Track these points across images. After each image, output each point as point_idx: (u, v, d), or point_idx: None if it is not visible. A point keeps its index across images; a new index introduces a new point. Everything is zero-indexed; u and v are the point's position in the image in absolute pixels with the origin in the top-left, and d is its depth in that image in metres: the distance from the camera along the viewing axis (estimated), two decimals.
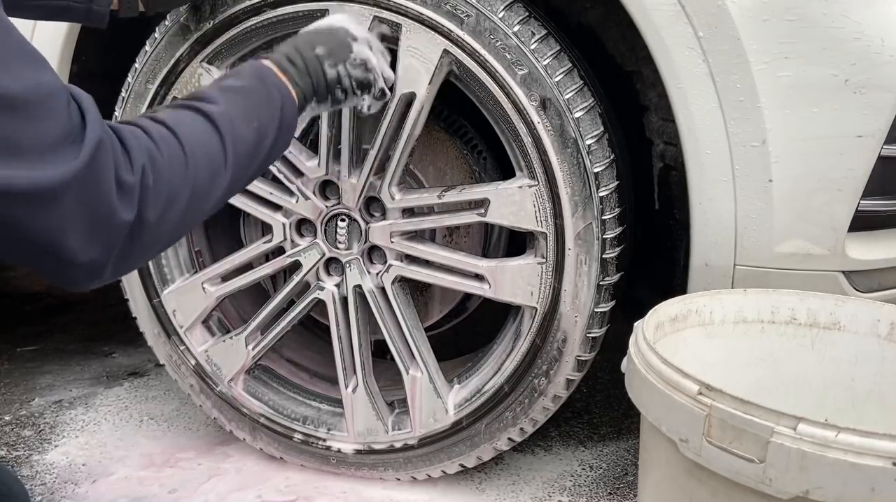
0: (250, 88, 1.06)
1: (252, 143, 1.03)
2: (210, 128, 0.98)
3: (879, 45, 1.16)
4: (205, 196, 0.97)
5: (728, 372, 1.24)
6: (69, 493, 1.56)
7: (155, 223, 0.89)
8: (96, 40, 1.52)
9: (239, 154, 1.00)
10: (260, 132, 1.04)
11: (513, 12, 1.28)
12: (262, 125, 1.04)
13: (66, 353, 2.27)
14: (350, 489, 1.57)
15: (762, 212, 1.23)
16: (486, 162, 1.59)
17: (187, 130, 0.95)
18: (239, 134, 1.00)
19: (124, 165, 0.86)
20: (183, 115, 0.98)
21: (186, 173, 0.93)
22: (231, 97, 1.03)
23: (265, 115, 1.06)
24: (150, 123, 0.93)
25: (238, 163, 1.01)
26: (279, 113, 1.08)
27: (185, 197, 0.93)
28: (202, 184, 0.95)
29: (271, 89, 1.09)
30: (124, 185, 0.85)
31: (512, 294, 1.38)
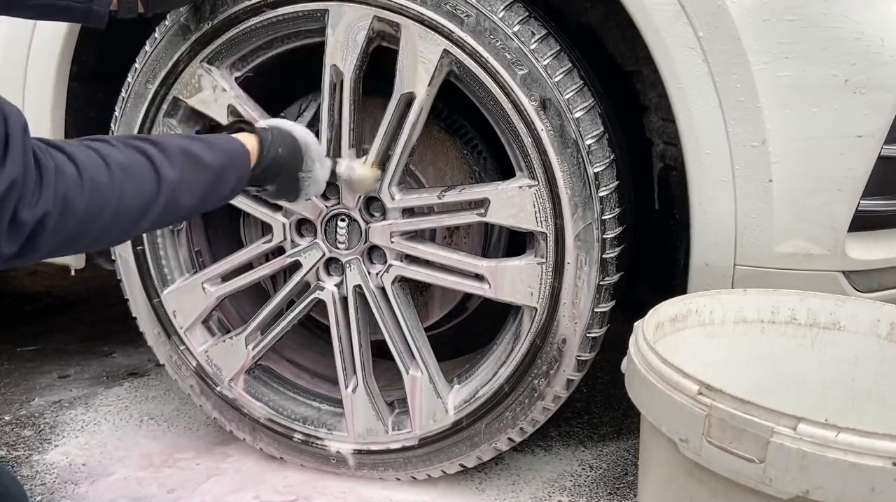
0: (213, 169, 1.08)
1: (185, 209, 1.06)
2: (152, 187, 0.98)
3: (879, 45, 1.16)
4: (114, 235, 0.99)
5: (728, 372, 1.24)
6: (69, 493, 1.56)
7: (43, 253, 0.89)
8: (96, 40, 1.52)
9: (167, 215, 1.03)
10: (199, 204, 1.09)
11: (513, 12, 1.28)
12: (204, 198, 1.08)
13: (66, 353, 2.27)
14: (349, 489, 1.57)
15: (762, 212, 1.23)
16: (486, 162, 1.59)
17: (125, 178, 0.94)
18: (178, 202, 1.03)
19: (28, 202, 0.83)
20: (133, 160, 0.97)
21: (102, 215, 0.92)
22: (189, 168, 1.04)
23: (213, 191, 1.10)
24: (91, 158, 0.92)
25: (161, 220, 1.03)
26: (228, 191, 1.14)
27: (88, 238, 0.93)
28: (115, 228, 0.96)
29: (229, 176, 1.12)
30: (17, 222, 0.83)
31: (512, 294, 1.38)
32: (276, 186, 1.27)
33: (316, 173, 1.30)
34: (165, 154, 1.01)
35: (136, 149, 0.98)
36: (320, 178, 1.32)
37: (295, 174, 1.27)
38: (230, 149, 1.14)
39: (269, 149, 1.20)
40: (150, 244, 1.59)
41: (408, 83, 1.33)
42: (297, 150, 1.27)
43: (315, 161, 1.29)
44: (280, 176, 1.25)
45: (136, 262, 1.60)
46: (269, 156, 1.20)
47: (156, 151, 1.00)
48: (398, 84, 1.34)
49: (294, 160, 1.26)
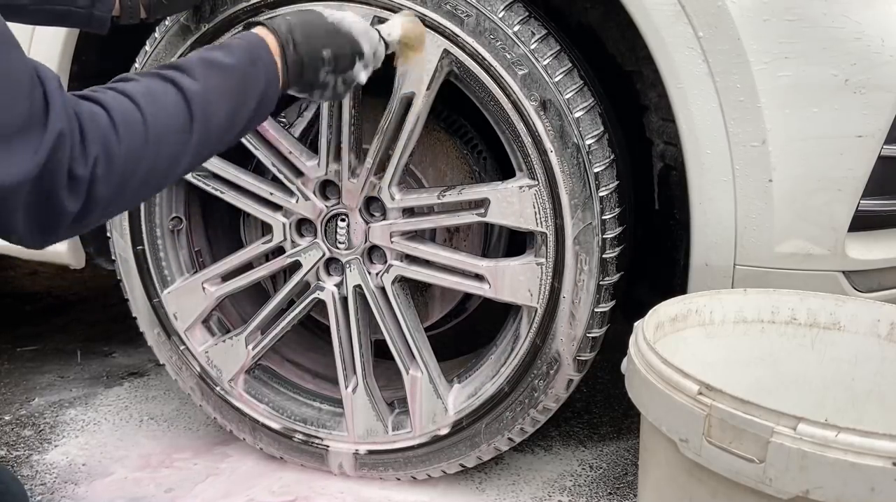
0: (237, 68, 1.03)
1: (223, 125, 1.01)
2: (181, 107, 0.95)
3: (879, 45, 1.16)
4: (163, 173, 0.95)
5: (728, 372, 1.24)
6: (69, 493, 1.56)
7: (103, 206, 0.88)
8: (97, 40, 1.52)
9: (206, 136, 0.98)
10: (233, 116, 1.02)
11: (513, 12, 1.28)
12: (237, 110, 1.02)
13: (66, 353, 2.27)
14: (347, 489, 1.57)
15: (762, 212, 1.23)
16: (486, 162, 1.59)
17: (155, 108, 0.92)
18: (211, 115, 0.98)
19: (79, 158, 0.84)
20: (156, 87, 0.94)
21: (144, 154, 0.90)
22: (213, 75, 0.99)
23: (243, 100, 1.03)
24: (117, 99, 0.90)
25: (203, 144, 0.98)
26: (258, 95, 1.05)
27: (140, 176, 0.91)
28: (160, 166, 0.94)
29: (258, 71, 1.05)
30: (75, 178, 0.83)
31: (512, 294, 1.38)
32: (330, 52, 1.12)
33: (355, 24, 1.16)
34: (184, 71, 0.98)
35: (157, 77, 0.97)
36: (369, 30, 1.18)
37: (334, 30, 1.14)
38: (246, 43, 1.07)
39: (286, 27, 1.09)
40: (150, 244, 1.59)
41: (408, 83, 1.33)
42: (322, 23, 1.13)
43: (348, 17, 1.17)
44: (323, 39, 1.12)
45: (136, 262, 1.60)
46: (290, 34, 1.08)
47: (175, 73, 0.97)
48: (398, 84, 1.34)
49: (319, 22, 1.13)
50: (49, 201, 0.83)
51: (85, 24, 1.29)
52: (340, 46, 1.14)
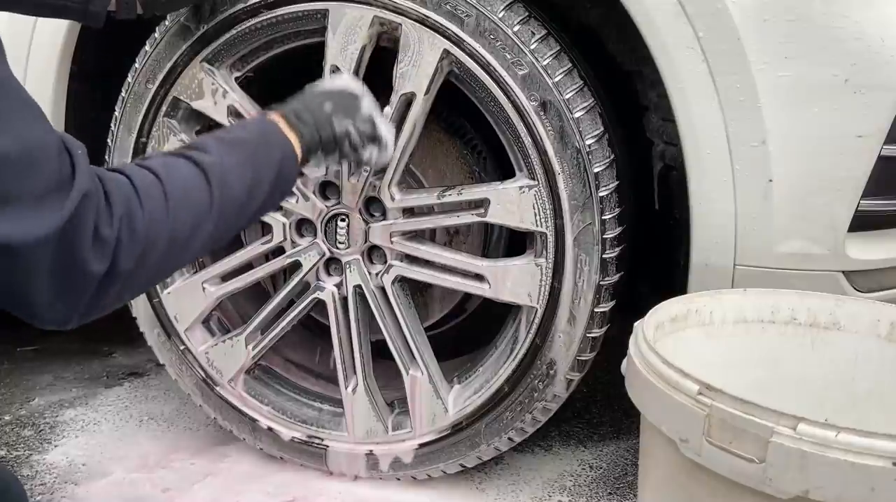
0: (249, 142, 1.07)
1: (241, 198, 1.03)
2: (199, 179, 0.97)
3: (879, 45, 1.16)
4: (183, 247, 0.96)
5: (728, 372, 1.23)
6: (69, 493, 1.56)
7: (127, 273, 0.88)
8: (97, 40, 1.52)
9: (226, 207, 1.00)
10: (252, 187, 1.04)
11: (513, 12, 1.28)
12: (255, 181, 1.04)
13: (66, 353, 2.27)
14: (346, 489, 1.57)
15: (762, 212, 1.23)
16: (486, 162, 1.59)
17: (175, 181, 0.94)
18: (229, 188, 1.00)
19: (105, 218, 0.85)
20: (173, 162, 0.98)
21: (166, 225, 0.92)
22: (227, 149, 1.03)
23: (260, 171, 1.06)
24: (137, 170, 0.93)
25: (223, 216, 1.00)
26: (276, 169, 1.08)
27: (161, 248, 0.92)
28: (181, 236, 0.95)
29: (272, 146, 1.09)
30: (101, 238, 0.85)
31: (512, 294, 1.38)
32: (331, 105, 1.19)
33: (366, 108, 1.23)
34: (198, 148, 1.01)
35: (172, 154, 1.01)
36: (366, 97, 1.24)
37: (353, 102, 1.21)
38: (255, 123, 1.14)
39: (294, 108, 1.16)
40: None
41: (408, 83, 1.33)
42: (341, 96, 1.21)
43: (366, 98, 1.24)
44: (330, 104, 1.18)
45: None
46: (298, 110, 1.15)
47: (189, 150, 1.01)
48: (398, 84, 1.34)
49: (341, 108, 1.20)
50: (74, 261, 0.83)
51: (80, 18, 1.29)
52: (340, 96, 1.22)
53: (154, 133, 1.51)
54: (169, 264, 0.97)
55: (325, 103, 1.19)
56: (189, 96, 1.47)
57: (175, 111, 1.50)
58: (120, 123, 1.54)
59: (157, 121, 1.51)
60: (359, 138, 1.21)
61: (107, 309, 0.92)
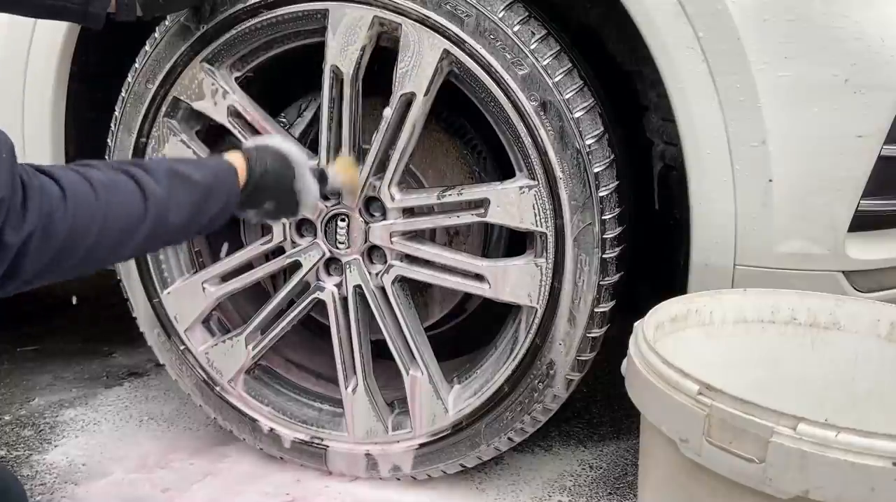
0: (200, 186, 1.07)
1: (172, 232, 1.05)
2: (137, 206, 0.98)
3: (879, 45, 1.16)
4: (97, 260, 0.97)
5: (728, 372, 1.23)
6: (69, 493, 1.56)
7: (24, 279, 0.89)
8: (97, 40, 1.52)
9: (153, 236, 1.02)
10: (186, 226, 1.07)
11: (513, 12, 1.28)
12: (191, 219, 1.07)
13: (66, 353, 2.27)
14: (345, 490, 1.57)
15: (762, 212, 1.23)
16: (486, 162, 1.59)
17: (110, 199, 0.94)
18: (164, 221, 1.02)
19: (13, 225, 0.84)
20: (119, 181, 0.98)
21: (85, 242, 0.92)
22: (177, 185, 1.04)
23: (199, 212, 1.08)
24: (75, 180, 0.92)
25: (146, 243, 1.02)
26: (215, 212, 1.11)
27: (75, 257, 0.92)
28: (98, 254, 0.95)
29: (219, 194, 1.11)
30: (2, 244, 0.84)
31: (512, 294, 1.38)
32: (273, 203, 1.24)
33: (308, 183, 1.27)
34: (151, 174, 1.01)
35: (122, 171, 0.99)
36: (313, 188, 1.28)
37: (290, 187, 1.25)
38: (217, 166, 1.14)
39: (259, 162, 1.19)
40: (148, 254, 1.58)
41: (408, 83, 1.33)
42: (285, 161, 1.23)
43: (305, 169, 1.27)
44: (274, 190, 1.23)
45: (136, 262, 1.60)
46: (259, 170, 1.18)
47: (141, 172, 1.00)
48: (398, 84, 1.34)
49: (285, 172, 1.23)
50: None
51: (79, 20, 1.30)
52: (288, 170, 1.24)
53: (154, 133, 1.51)
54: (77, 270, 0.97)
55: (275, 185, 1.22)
56: (189, 96, 1.47)
57: (175, 111, 1.50)
58: (120, 123, 1.54)
59: (157, 121, 1.51)
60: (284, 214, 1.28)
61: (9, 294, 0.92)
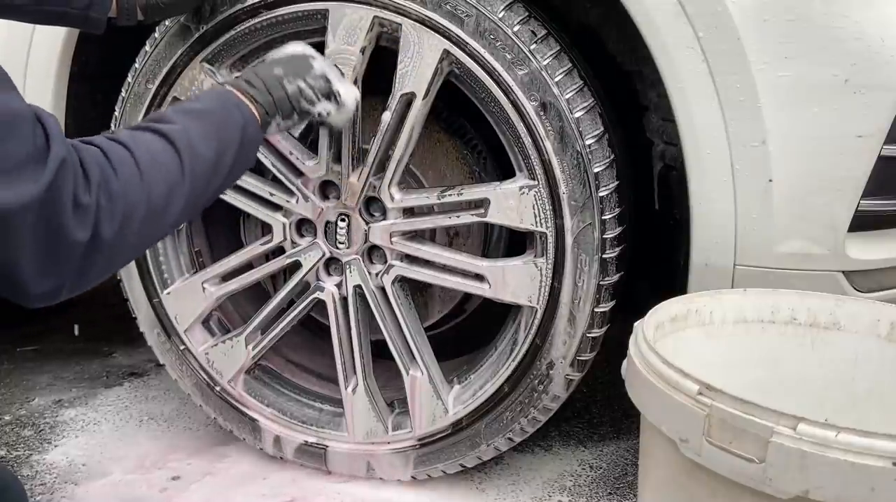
0: (209, 110, 1.09)
1: (211, 160, 1.05)
2: (167, 146, 0.99)
3: (879, 44, 1.16)
4: (162, 212, 0.98)
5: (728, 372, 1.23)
6: (69, 493, 1.56)
7: (110, 240, 0.90)
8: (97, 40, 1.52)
9: (197, 170, 1.02)
10: (219, 150, 1.06)
11: (513, 12, 1.28)
12: (221, 143, 1.07)
13: (66, 353, 2.27)
14: (344, 490, 1.57)
15: (762, 212, 1.23)
16: (486, 162, 1.59)
17: (144, 149, 0.97)
18: (197, 151, 1.02)
19: (82, 185, 0.87)
20: (140, 135, 1.00)
21: (141, 190, 0.94)
22: (189, 118, 1.05)
23: (225, 133, 1.08)
24: (108, 143, 0.95)
25: (196, 180, 1.02)
26: (240, 131, 1.11)
27: (140, 213, 0.94)
28: (158, 201, 0.96)
29: (231, 110, 1.12)
30: (81, 205, 0.86)
31: (512, 294, 1.38)
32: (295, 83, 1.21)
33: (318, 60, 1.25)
34: (160, 120, 1.04)
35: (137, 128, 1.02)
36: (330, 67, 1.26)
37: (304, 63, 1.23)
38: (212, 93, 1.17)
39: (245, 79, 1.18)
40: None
41: (408, 83, 1.33)
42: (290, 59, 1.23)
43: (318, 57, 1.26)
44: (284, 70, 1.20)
45: (136, 262, 1.60)
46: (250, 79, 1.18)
47: (153, 123, 1.03)
48: (398, 84, 1.34)
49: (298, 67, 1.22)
50: (57, 229, 0.84)
51: (80, 25, 1.31)
52: (289, 59, 1.23)
53: None
54: (151, 231, 0.98)
55: (275, 68, 1.20)
56: (189, 96, 1.47)
57: None
58: (120, 124, 1.54)
59: None
60: (313, 94, 1.22)
61: (93, 280, 0.92)
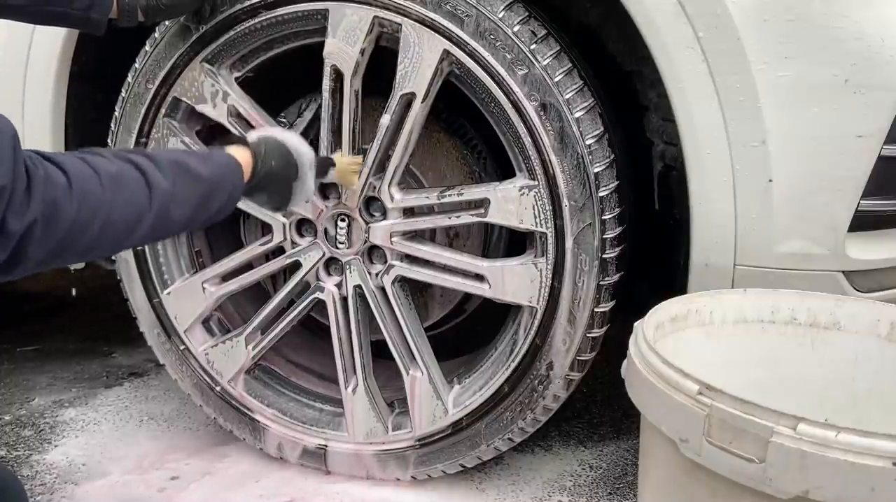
0: (206, 181, 1.07)
1: (175, 226, 1.06)
2: (143, 201, 0.98)
3: (879, 45, 1.16)
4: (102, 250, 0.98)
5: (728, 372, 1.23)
6: (69, 493, 1.56)
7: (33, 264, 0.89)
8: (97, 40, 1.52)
9: (157, 230, 1.02)
10: (189, 220, 1.07)
11: (513, 12, 1.28)
12: (195, 214, 1.07)
13: (66, 353, 2.27)
14: (343, 490, 1.57)
15: (762, 212, 1.23)
16: (486, 162, 1.59)
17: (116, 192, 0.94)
18: (168, 216, 1.01)
19: (16, 211, 0.84)
20: (126, 174, 0.97)
21: (90, 229, 0.92)
22: (182, 181, 1.03)
23: (204, 207, 1.08)
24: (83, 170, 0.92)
25: (149, 236, 1.02)
26: (217, 207, 1.11)
27: (79, 247, 0.92)
28: (103, 243, 0.95)
29: (223, 190, 1.11)
30: (5, 231, 0.84)
31: (512, 294, 1.38)
32: (266, 195, 1.25)
33: (308, 181, 1.28)
34: (158, 166, 1.00)
35: (129, 162, 0.98)
36: (309, 186, 1.29)
37: (288, 183, 1.25)
38: (223, 162, 1.14)
39: (264, 163, 1.19)
40: (150, 244, 1.58)
41: (408, 83, 1.33)
42: (291, 160, 1.25)
43: (308, 168, 1.27)
44: (272, 186, 1.23)
45: (136, 263, 1.60)
46: (263, 170, 1.19)
47: (148, 163, 0.99)
48: (398, 84, 1.34)
49: (287, 170, 1.24)
50: None
51: (81, 26, 1.30)
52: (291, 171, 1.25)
53: (154, 134, 1.51)
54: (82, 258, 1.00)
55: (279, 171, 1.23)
56: (189, 96, 1.47)
57: (175, 111, 1.50)
58: (120, 124, 1.54)
59: (157, 121, 1.51)
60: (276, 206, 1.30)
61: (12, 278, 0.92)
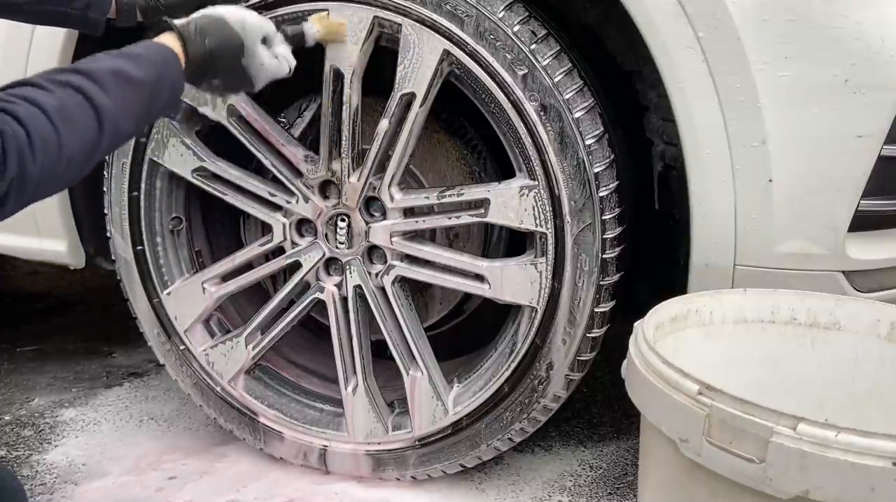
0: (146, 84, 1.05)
1: (127, 134, 1.07)
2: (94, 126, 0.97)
3: (879, 45, 1.16)
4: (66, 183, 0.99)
5: (728, 372, 1.23)
6: (69, 493, 1.56)
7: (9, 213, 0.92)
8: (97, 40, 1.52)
9: (111, 144, 1.03)
10: (138, 125, 1.07)
11: (513, 12, 1.28)
12: (142, 118, 1.07)
13: (66, 353, 2.27)
14: (342, 490, 1.57)
15: (762, 212, 1.23)
16: (486, 162, 1.59)
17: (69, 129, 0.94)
18: (119, 129, 1.01)
19: None
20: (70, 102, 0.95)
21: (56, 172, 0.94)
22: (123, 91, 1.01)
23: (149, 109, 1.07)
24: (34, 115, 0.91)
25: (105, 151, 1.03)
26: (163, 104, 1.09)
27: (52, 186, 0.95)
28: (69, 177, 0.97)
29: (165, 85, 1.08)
30: None
31: (512, 294, 1.38)
32: (219, 79, 1.18)
33: (260, 55, 1.19)
34: (98, 82, 0.99)
35: (69, 86, 0.96)
36: (267, 61, 1.21)
37: (237, 61, 1.17)
38: (159, 58, 1.09)
39: (195, 45, 1.12)
40: (150, 244, 1.59)
41: (408, 83, 1.33)
42: (233, 35, 1.16)
43: (257, 42, 1.19)
44: (218, 68, 1.16)
45: (136, 262, 1.60)
46: (198, 53, 1.12)
47: (88, 83, 0.98)
48: (398, 84, 1.34)
49: (230, 47, 1.16)
50: None
51: (79, 26, 1.30)
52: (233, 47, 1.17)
53: (154, 134, 1.51)
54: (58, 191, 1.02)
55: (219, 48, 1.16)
56: (189, 97, 1.47)
57: None
58: None
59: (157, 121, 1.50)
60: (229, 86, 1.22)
61: None
